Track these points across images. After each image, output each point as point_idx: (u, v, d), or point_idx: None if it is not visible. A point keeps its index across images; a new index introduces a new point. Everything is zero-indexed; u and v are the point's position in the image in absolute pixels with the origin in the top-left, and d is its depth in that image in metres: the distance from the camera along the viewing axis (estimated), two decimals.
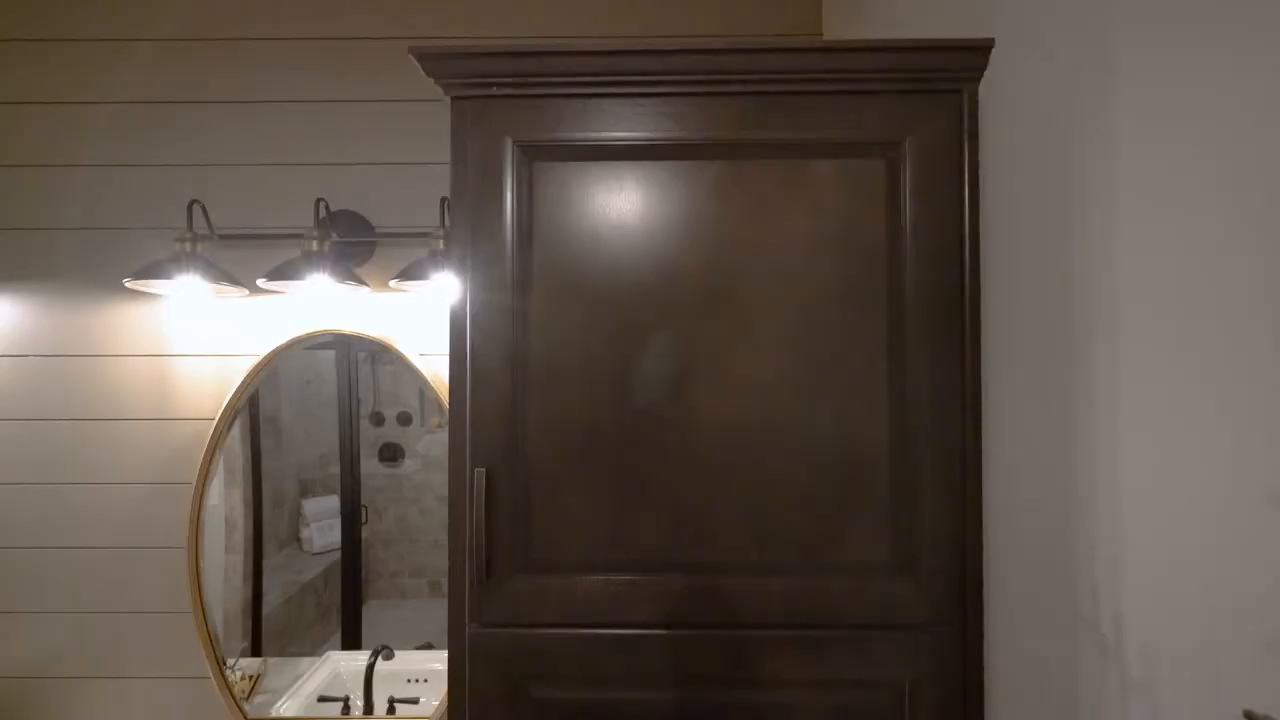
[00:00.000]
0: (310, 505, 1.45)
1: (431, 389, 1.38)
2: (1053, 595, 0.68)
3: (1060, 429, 0.70)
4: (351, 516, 1.43)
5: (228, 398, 1.38)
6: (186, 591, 1.38)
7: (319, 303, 1.39)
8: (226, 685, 1.37)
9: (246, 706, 1.39)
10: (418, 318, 1.39)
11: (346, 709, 1.42)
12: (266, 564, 1.45)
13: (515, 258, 0.78)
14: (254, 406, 1.42)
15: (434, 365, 1.38)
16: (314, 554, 1.45)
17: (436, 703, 1.38)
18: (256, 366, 1.38)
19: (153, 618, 1.40)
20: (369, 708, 1.41)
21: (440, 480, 1.43)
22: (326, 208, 1.32)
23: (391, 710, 1.40)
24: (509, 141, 0.79)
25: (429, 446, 1.45)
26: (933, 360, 0.76)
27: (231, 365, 1.40)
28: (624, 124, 0.78)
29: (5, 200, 1.43)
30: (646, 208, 0.78)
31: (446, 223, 1.27)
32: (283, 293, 1.33)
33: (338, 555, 1.43)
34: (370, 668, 1.42)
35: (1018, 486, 0.75)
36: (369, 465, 1.44)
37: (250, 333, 1.40)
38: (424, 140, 1.40)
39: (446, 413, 1.30)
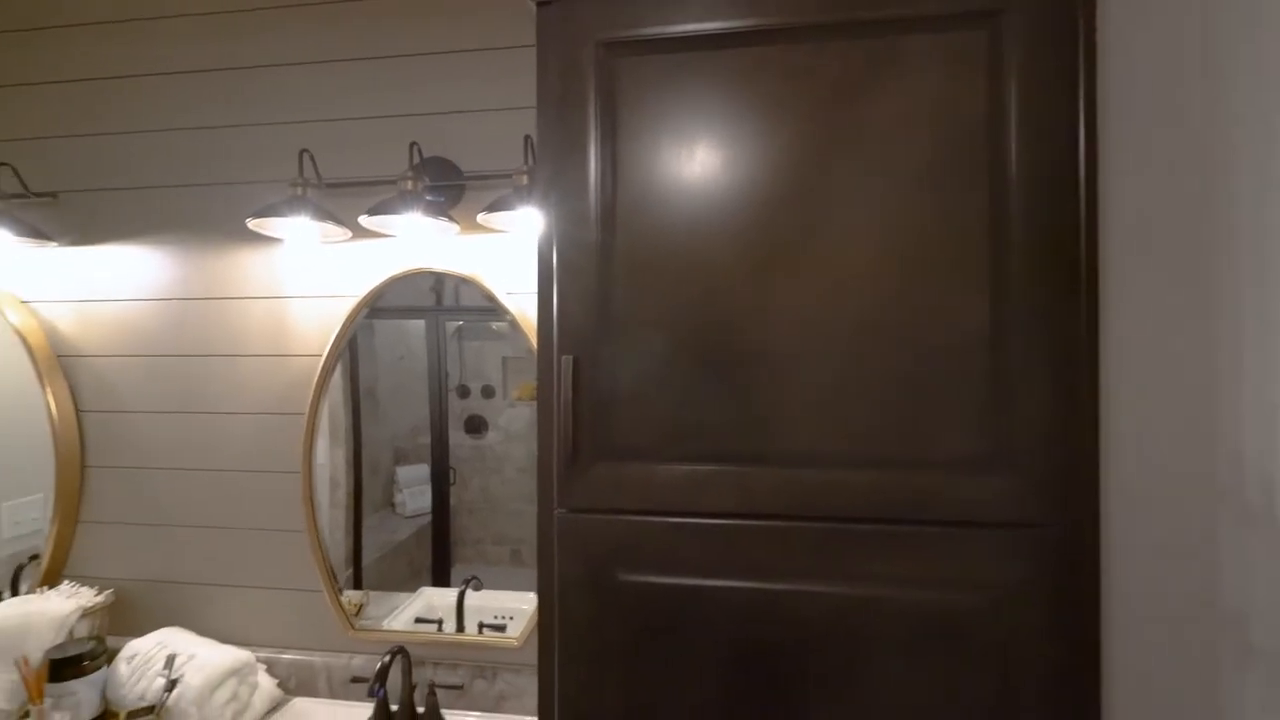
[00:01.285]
0: (403, 472, 1.55)
1: (520, 328, 1.43)
2: (1180, 474, 0.62)
3: (1196, 307, 0.63)
4: (440, 483, 1.51)
5: (333, 335, 1.49)
6: (301, 512, 1.51)
7: (413, 245, 1.47)
8: (338, 599, 1.49)
9: (354, 622, 1.50)
10: (505, 258, 1.44)
11: (440, 630, 1.50)
12: (365, 523, 1.56)
13: (600, 156, 0.79)
14: (354, 376, 1.53)
15: (520, 303, 1.43)
16: (407, 517, 1.55)
17: (521, 629, 1.44)
18: (358, 305, 1.48)
19: (272, 535, 1.55)
20: (460, 630, 1.49)
21: (519, 452, 1.50)
22: (419, 152, 1.39)
23: (480, 633, 1.48)
24: (591, 42, 0.80)
25: (510, 420, 1.51)
26: (1042, 238, 0.71)
27: (336, 306, 1.51)
28: (705, 14, 0.78)
29: (147, 163, 1.60)
30: (729, 98, 0.77)
31: (529, 161, 1.31)
32: (381, 233, 1.42)
33: (427, 519, 1.53)
34: (461, 594, 1.51)
35: (1141, 368, 0.69)
36: (455, 436, 1.52)
37: (352, 275, 1.50)
38: (508, 86, 1.44)
39: (533, 362, 1.35)
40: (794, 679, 0.75)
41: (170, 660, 1.32)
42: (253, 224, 1.34)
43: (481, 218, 1.29)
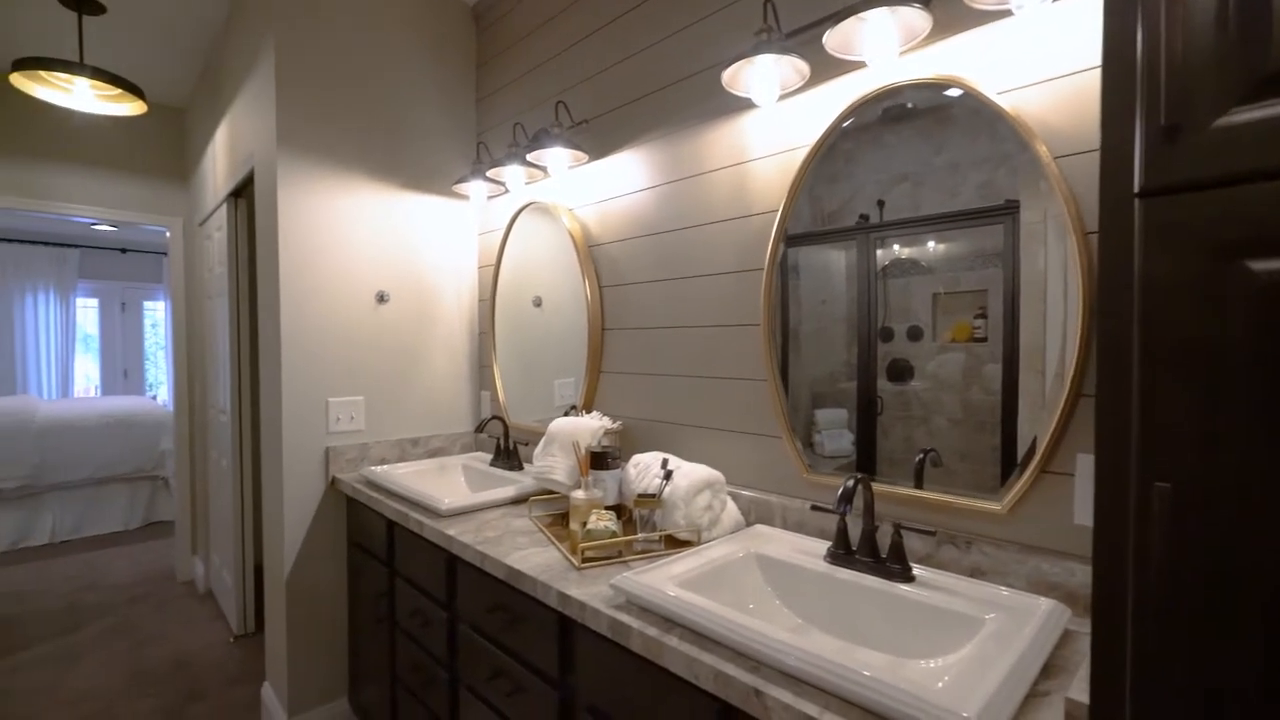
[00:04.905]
0: (821, 415, 1.51)
1: (1019, 135, 1.17)
2: None
3: None
4: (868, 428, 1.43)
5: (789, 185, 1.52)
6: (763, 362, 1.60)
7: (870, 74, 1.37)
8: (795, 445, 1.53)
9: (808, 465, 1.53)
10: (993, 51, 1.21)
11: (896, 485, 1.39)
12: None
13: None
14: (784, 318, 1.57)
15: (1013, 101, 1.18)
16: (825, 456, 1.51)
17: (1006, 499, 1.20)
18: (811, 152, 1.47)
19: (738, 383, 1.69)
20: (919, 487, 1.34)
21: (951, 402, 1.28)
22: None
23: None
24: None
25: (940, 366, 1.29)
26: None
27: (791, 158, 1.53)
28: None
29: (636, 81, 1.94)
30: None
31: None
32: (844, 60, 1.37)
33: (845, 460, 1.47)
34: (920, 463, 1.36)
35: None
36: (878, 381, 1.41)
37: (806, 123, 1.50)
38: None
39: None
40: None
41: (664, 463, 1.58)
42: (725, 76, 1.45)
43: None
